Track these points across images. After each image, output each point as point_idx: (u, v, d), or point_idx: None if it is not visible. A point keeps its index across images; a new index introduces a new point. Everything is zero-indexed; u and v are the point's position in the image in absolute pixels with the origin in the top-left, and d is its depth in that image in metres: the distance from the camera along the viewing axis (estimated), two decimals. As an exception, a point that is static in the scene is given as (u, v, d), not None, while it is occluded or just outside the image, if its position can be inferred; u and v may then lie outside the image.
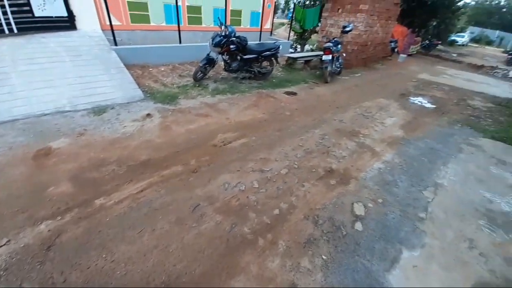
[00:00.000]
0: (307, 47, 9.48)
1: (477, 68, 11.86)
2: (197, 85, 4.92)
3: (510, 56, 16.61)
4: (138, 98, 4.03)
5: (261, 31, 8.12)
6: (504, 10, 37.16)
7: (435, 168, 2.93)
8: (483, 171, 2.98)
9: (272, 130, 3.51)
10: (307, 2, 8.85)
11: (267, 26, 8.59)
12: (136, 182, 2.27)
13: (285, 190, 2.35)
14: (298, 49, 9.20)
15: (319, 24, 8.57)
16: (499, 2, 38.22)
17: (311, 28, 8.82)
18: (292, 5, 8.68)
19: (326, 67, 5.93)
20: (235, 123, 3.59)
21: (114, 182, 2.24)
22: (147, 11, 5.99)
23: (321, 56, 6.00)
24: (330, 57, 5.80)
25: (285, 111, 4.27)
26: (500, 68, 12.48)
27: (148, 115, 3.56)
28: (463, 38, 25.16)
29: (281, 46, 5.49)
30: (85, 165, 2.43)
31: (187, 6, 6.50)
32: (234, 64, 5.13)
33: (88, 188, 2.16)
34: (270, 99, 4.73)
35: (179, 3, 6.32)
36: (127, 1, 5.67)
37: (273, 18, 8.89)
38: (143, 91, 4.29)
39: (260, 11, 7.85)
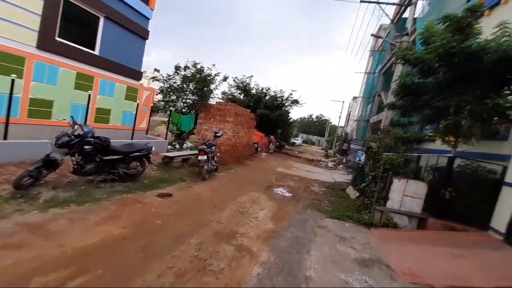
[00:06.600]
0: (186, 145, 9.97)
1: (310, 162, 16.90)
2: (18, 195, 3.45)
3: (325, 152, 26.82)
4: None
5: (133, 130, 7.81)
6: (316, 123, 60.33)
7: (302, 259, 3.16)
8: (334, 251, 3.55)
9: (134, 251, 2.73)
10: (184, 110, 9.97)
11: (143, 125, 8.50)
12: None
13: None
14: (178, 147, 9.44)
15: (196, 127, 9.60)
16: (313, 119, 62.65)
17: (188, 130, 9.67)
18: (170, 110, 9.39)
19: (203, 166, 6.25)
20: (73, 252, 2.51)
21: None
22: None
23: (198, 156, 6.36)
24: (205, 157, 6.24)
25: (156, 219, 3.65)
26: (323, 161, 18.44)
27: None
28: (298, 140, 38.13)
29: (153, 147, 5.32)
30: None
31: (32, 98, 5.34)
32: (90, 166, 4.23)
33: None
34: (137, 206, 3.99)
35: (19, 94, 5.11)
36: None
37: (150, 118, 9.06)
38: None
39: (134, 112, 7.80)
